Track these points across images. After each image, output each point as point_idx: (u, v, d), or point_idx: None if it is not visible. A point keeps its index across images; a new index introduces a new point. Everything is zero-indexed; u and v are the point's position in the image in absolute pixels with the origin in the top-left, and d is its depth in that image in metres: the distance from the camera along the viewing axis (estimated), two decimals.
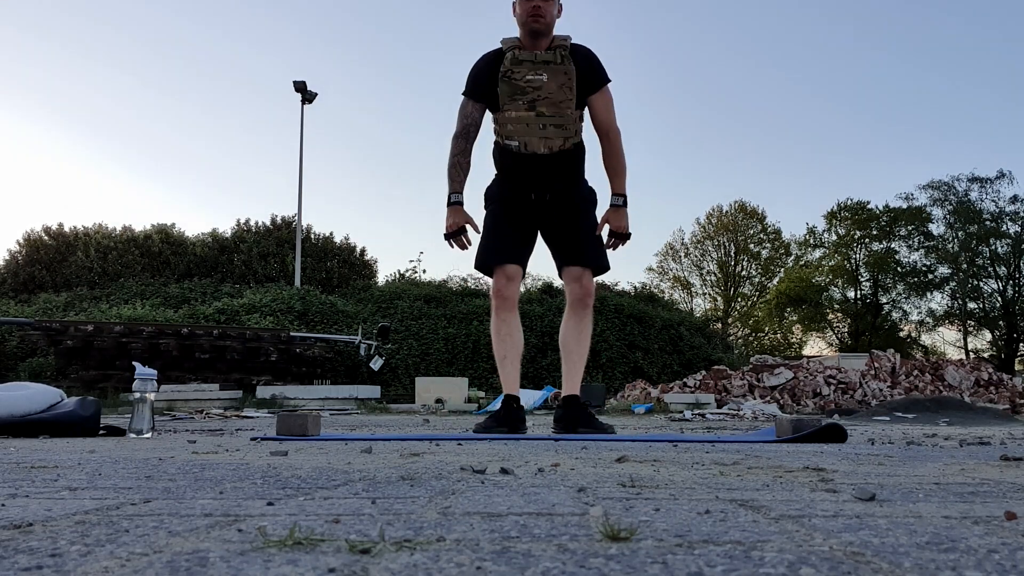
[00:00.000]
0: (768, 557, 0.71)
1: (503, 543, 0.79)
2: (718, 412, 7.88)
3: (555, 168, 3.33)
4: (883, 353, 11.00)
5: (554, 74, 3.25)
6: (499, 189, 3.44)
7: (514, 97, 3.25)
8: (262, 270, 19.54)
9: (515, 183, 3.38)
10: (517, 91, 3.25)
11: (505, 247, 3.37)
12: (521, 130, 3.26)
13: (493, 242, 3.38)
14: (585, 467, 1.68)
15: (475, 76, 3.34)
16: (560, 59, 3.26)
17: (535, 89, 3.24)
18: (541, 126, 3.26)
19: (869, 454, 2.14)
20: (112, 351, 10.78)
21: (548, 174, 3.33)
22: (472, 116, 3.34)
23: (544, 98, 3.25)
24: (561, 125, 3.27)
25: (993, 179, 31.89)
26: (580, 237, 3.39)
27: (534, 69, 3.25)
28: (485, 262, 3.39)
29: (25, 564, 0.69)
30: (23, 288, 18.37)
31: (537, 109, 3.25)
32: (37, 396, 3.16)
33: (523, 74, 3.24)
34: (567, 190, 3.38)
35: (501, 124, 3.32)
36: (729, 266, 36.27)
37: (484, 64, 3.33)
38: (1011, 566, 0.68)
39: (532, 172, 3.32)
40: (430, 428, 4.35)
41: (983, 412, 7.17)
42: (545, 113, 3.25)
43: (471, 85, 3.34)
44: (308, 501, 1.13)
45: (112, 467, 1.69)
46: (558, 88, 3.25)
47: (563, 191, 3.37)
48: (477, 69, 3.34)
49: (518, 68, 3.25)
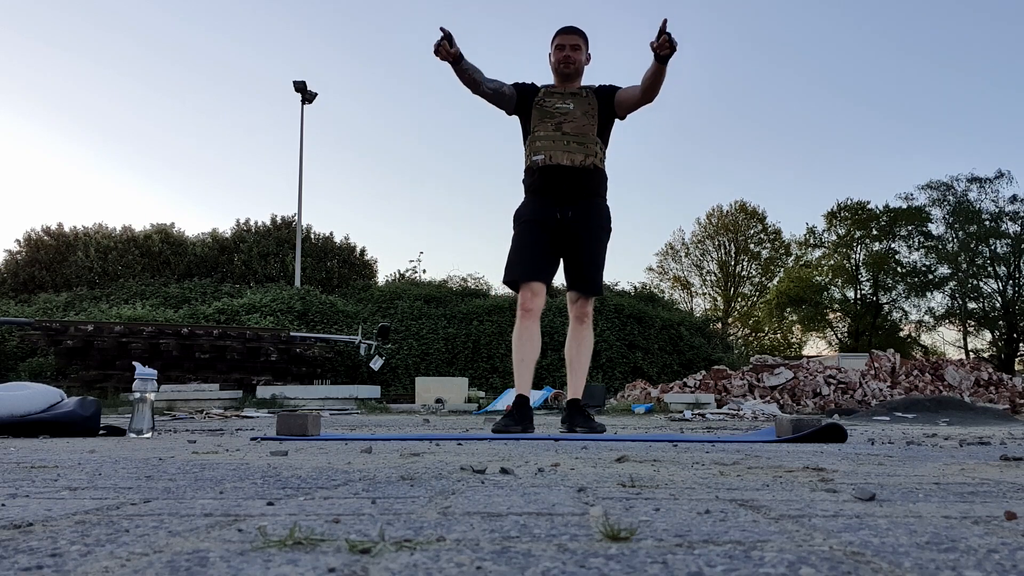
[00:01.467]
0: (768, 557, 0.71)
1: (503, 543, 0.79)
2: (718, 412, 7.88)
3: (577, 183, 3.66)
4: (883, 353, 11.00)
5: (579, 103, 3.72)
6: (526, 210, 3.76)
7: (543, 120, 3.70)
8: (262, 270, 19.54)
9: (541, 200, 3.71)
10: (546, 115, 3.70)
11: (531, 264, 3.69)
12: (547, 145, 3.66)
13: (520, 259, 3.71)
14: (585, 467, 1.68)
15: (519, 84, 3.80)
16: (585, 94, 3.75)
17: (562, 114, 3.70)
18: (565, 142, 3.67)
19: (869, 454, 2.14)
20: (112, 351, 10.78)
21: (570, 188, 3.66)
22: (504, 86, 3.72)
23: (570, 121, 3.69)
24: (583, 143, 3.67)
25: (992, 179, 31.91)
26: (588, 267, 3.74)
27: (563, 99, 3.73)
28: (512, 278, 3.73)
29: (25, 564, 0.69)
30: (23, 288, 18.37)
31: (563, 129, 3.68)
32: (37, 396, 3.16)
33: (553, 103, 3.72)
34: (587, 210, 3.70)
35: (530, 144, 3.73)
36: (729, 266, 36.28)
37: (527, 85, 3.81)
38: (1011, 566, 0.68)
39: (555, 185, 3.66)
40: (430, 428, 4.35)
41: (983, 412, 7.17)
42: (569, 133, 3.68)
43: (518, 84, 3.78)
44: (308, 501, 1.13)
45: (112, 467, 1.69)
46: (582, 115, 3.70)
47: (584, 209, 3.69)
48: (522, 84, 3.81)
49: (549, 99, 3.74)
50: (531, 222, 3.70)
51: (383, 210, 50.22)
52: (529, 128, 3.75)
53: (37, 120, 46.06)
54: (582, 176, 3.65)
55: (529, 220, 3.71)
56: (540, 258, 3.70)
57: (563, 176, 3.64)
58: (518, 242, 3.72)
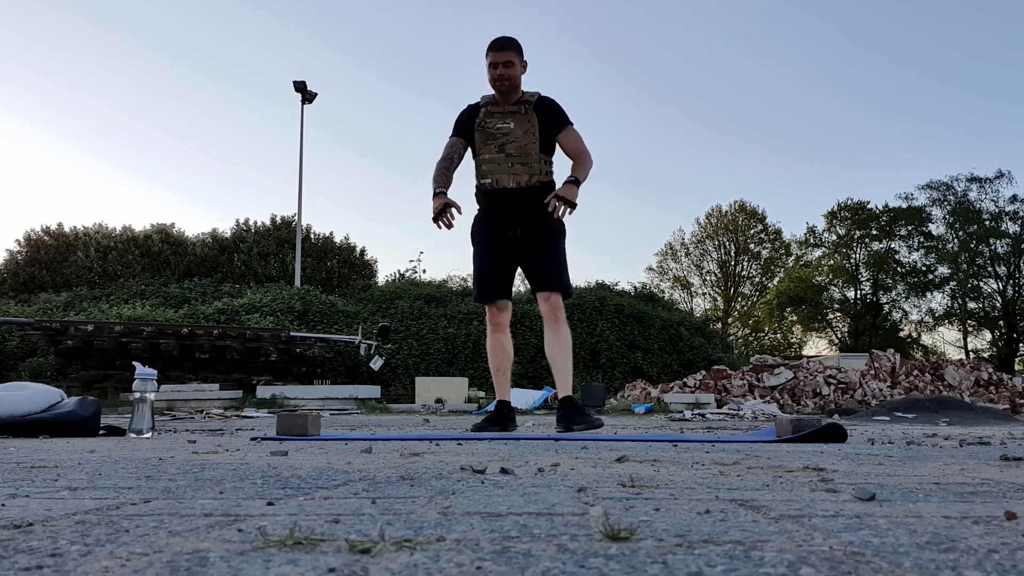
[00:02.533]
0: (768, 557, 0.71)
1: (503, 543, 0.79)
2: (718, 412, 7.88)
3: (524, 202, 3.82)
4: (883, 353, 11.00)
5: (519, 122, 3.85)
6: (480, 227, 3.94)
7: (487, 142, 3.85)
8: (262, 270, 19.54)
9: (492, 218, 3.89)
10: (489, 137, 3.85)
11: (492, 285, 3.89)
12: (493, 169, 3.84)
13: (482, 282, 3.91)
14: (585, 467, 1.68)
15: (459, 122, 3.97)
16: (524, 110, 3.87)
17: (504, 135, 3.84)
18: (509, 164, 3.83)
19: (869, 454, 2.14)
20: (112, 351, 10.78)
21: (518, 208, 3.82)
22: (455, 147, 3.92)
23: (511, 142, 3.83)
24: (526, 164, 3.83)
25: (992, 179, 31.91)
26: (548, 266, 3.87)
27: (503, 119, 3.87)
28: (479, 301, 3.97)
29: (25, 564, 0.69)
30: (23, 288, 18.37)
31: (506, 151, 3.84)
32: (37, 396, 3.16)
33: (494, 123, 3.87)
34: (538, 224, 3.82)
35: (478, 167, 3.90)
36: (729, 266, 36.27)
37: (466, 114, 3.96)
38: (1011, 566, 0.68)
39: (504, 206, 3.85)
40: (430, 428, 4.35)
41: (983, 412, 7.17)
42: (512, 154, 3.83)
43: (455, 128, 3.95)
44: (308, 501, 1.13)
45: (112, 467, 1.69)
46: (523, 134, 3.84)
47: (534, 225, 3.82)
48: (460, 118, 3.96)
49: (490, 119, 3.88)
50: (485, 241, 3.89)
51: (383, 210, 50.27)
52: (475, 150, 3.90)
53: (37, 120, 46.07)
54: (529, 195, 3.80)
55: (483, 240, 3.90)
56: (499, 276, 3.89)
57: (510, 197, 3.81)
58: (478, 264, 3.93)
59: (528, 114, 3.86)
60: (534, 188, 3.82)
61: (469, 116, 3.93)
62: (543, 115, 3.86)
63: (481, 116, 3.88)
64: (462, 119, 3.96)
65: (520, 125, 3.84)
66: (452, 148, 3.91)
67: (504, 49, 3.81)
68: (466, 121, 3.93)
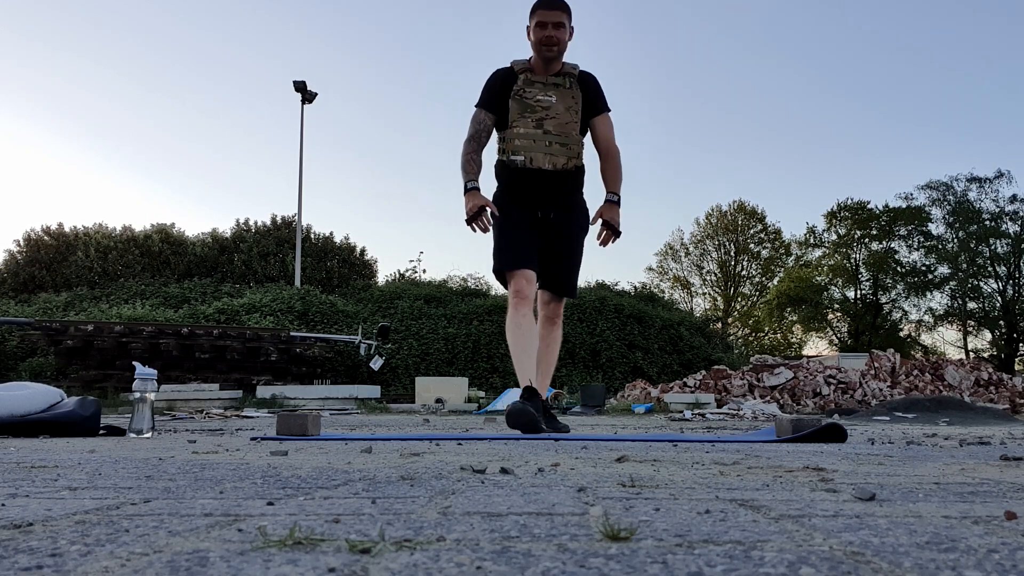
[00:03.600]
0: (768, 557, 0.71)
1: (503, 543, 0.79)
2: (718, 412, 7.88)
3: (557, 186, 3.46)
4: (883, 353, 11.00)
5: (562, 97, 3.45)
6: (503, 199, 3.52)
7: (523, 114, 3.42)
8: (262, 270, 19.54)
9: (519, 198, 3.49)
10: (527, 109, 3.43)
11: (520, 253, 3.46)
12: (528, 146, 3.42)
13: (510, 247, 3.47)
14: (585, 467, 1.68)
15: (489, 88, 3.50)
16: (569, 84, 3.48)
17: (544, 109, 3.43)
18: (547, 143, 3.42)
19: (869, 454, 2.14)
20: (112, 351, 10.78)
21: (550, 192, 3.47)
22: (484, 123, 3.49)
23: (552, 118, 3.43)
24: (566, 145, 3.45)
25: (992, 179, 31.90)
26: (564, 267, 3.57)
27: (544, 90, 3.44)
28: (503, 267, 3.48)
29: (25, 564, 0.69)
30: (23, 288, 18.37)
31: (544, 127, 3.43)
32: (37, 396, 3.16)
33: (534, 94, 3.44)
34: (568, 211, 3.52)
35: (508, 140, 3.46)
36: (729, 266, 36.28)
37: (498, 79, 3.50)
38: (1011, 566, 0.68)
39: (535, 188, 3.46)
40: (430, 428, 4.35)
41: (983, 412, 7.16)
42: (551, 131, 3.43)
43: (486, 96, 3.50)
44: (308, 501, 1.12)
45: (112, 467, 1.69)
46: (565, 110, 3.44)
47: (564, 210, 3.51)
48: (492, 83, 3.51)
49: (530, 88, 3.44)
50: (512, 215, 3.46)
51: (383, 210, 50.25)
52: (507, 120, 3.46)
53: (37, 120, 46.07)
54: (562, 180, 3.46)
55: (512, 211, 3.47)
56: (528, 247, 3.48)
57: (542, 180, 3.44)
58: (505, 231, 3.49)
59: (572, 89, 3.47)
60: (569, 173, 3.45)
61: (504, 83, 3.47)
62: (587, 93, 3.49)
63: (520, 84, 3.45)
64: (494, 87, 3.49)
65: (563, 100, 3.44)
66: (481, 125, 3.48)
67: (556, 8, 3.37)
68: (500, 89, 3.47)
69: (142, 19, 44.41)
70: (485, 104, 3.50)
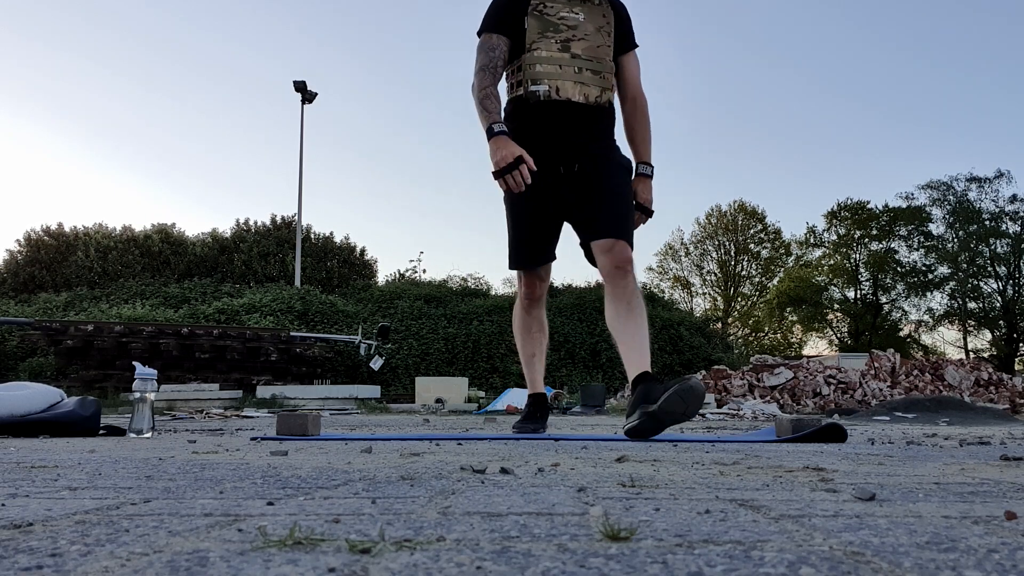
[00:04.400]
0: (768, 557, 0.71)
1: (503, 543, 0.79)
2: (718, 412, 7.88)
3: (587, 124, 2.83)
4: (883, 353, 11.00)
5: (591, 14, 2.85)
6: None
7: (545, 34, 2.79)
8: (262, 270, 19.55)
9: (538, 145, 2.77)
10: (549, 27, 2.80)
11: (538, 248, 3.00)
12: (552, 72, 2.78)
13: (524, 242, 3.00)
14: (585, 467, 1.68)
15: (499, 7, 2.87)
16: (599, 1, 2.88)
17: (570, 28, 2.81)
18: (576, 69, 2.79)
19: (869, 454, 2.14)
20: (112, 351, 10.78)
21: (579, 131, 2.82)
22: (500, 48, 2.83)
23: (580, 39, 2.82)
24: (599, 72, 2.83)
25: (992, 178, 31.92)
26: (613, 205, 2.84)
27: (569, 5, 2.83)
28: (519, 265, 3.04)
29: (25, 564, 0.69)
30: (23, 288, 18.37)
31: (572, 50, 2.80)
32: (37, 396, 3.16)
33: (557, 10, 2.82)
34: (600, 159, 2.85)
35: (528, 65, 2.81)
36: (729, 266, 36.28)
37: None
38: (1011, 566, 0.68)
39: (560, 127, 2.80)
40: (430, 428, 4.35)
41: (983, 412, 7.16)
42: (580, 55, 2.81)
43: (494, 18, 2.86)
44: (308, 501, 1.12)
45: (112, 467, 1.69)
46: (596, 31, 2.84)
47: (594, 159, 2.84)
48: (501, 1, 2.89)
49: (552, 3, 2.83)
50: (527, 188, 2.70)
51: (383, 210, 50.29)
52: (524, 43, 2.81)
53: (37, 120, 46.10)
54: (594, 116, 2.83)
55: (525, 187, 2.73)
56: (543, 234, 2.98)
57: (571, 115, 2.79)
58: (516, 220, 2.97)
59: (603, 6, 2.86)
60: (603, 109, 2.84)
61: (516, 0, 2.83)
62: (620, 15, 2.91)
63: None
64: (504, 4, 2.85)
65: (592, 19, 2.83)
66: (495, 51, 2.81)
67: None
68: (514, 5, 2.83)
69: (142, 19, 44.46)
70: (497, 26, 2.83)
